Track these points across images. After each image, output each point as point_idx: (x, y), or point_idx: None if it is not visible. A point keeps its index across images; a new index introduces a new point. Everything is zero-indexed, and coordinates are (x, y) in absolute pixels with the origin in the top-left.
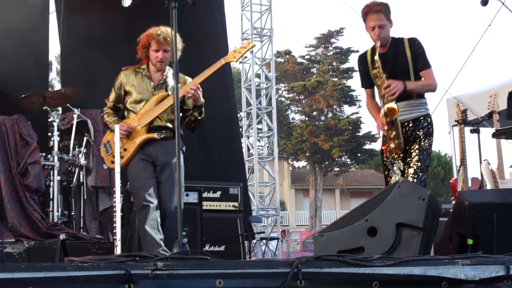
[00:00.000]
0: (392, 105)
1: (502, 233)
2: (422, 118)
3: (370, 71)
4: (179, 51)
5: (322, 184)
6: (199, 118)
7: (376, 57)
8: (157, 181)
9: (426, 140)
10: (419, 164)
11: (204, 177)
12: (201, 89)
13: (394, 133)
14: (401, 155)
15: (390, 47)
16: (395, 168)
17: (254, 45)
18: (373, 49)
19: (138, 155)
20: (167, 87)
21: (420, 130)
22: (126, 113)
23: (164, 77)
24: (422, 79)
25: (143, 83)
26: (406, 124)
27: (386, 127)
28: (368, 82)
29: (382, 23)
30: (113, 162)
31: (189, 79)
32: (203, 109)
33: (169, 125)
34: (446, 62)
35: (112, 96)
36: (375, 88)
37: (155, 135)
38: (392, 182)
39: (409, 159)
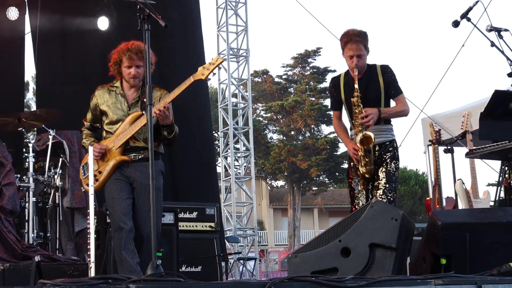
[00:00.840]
0: (370, 133)
1: (474, 253)
2: (388, 142)
3: (342, 95)
4: (152, 65)
5: (301, 203)
6: (169, 137)
7: (356, 86)
8: (133, 203)
9: (393, 164)
10: (387, 185)
11: (177, 197)
12: (170, 108)
13: (367, 160)
14: (364, 179)
15: (364, 73)
16: (360, 188)
17: (223, 61)
18: (347, 74)
19: (115, 175)
20: (141, 105)
21: (387, 154)
22: (104, 133)
23: (138, 94)
24: (395, 104)
25: (117, 102)
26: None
27: (361, 153)
28: (337, 105)
29: (361, 53)
30: (87, 185)
31: (166, 94)
32: (175, 127)
33: (144, 145)
34: (420, 82)
35: (88, 116)
36: (343, 110)
37: (128, 157)
38: (359, 201)
39: (377, 182)
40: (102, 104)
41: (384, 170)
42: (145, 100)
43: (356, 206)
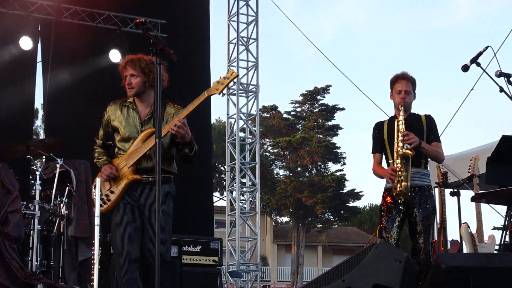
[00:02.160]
0: (408, 151)
1: None
2: (427, 187)
3: (385, 134)
4: (164, 81)
5: (305, 240)
6: (190, 154)
7: (401, 115)
8: (142, 228)
9: (433, 215)
10: (428, 240)
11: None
12: (186, 124)
13: (404, 174)
14: (401, 217)
15: (408, 116)
16: (394, 226)
17: (238, 75)
18: (392, 119)
19: (124, 199)
20: (154, 122)
21: (428, 203)
22: (116, 150)
23: (151, 110)
24: None
25: (130, 119)
26: (412, 189)
27: (398, 168)
28: (379, 147)
29: (409, 90)
30: (101, 205)
31: (181, 110)
32: (194, 144)
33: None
34: None
35: (100, 133)
36: (383, 155)
37: (140, 177)
38: (391, 237)
39: (416, 227)
40: (114, 120)
41: (427, 224)
42: (150, 116)
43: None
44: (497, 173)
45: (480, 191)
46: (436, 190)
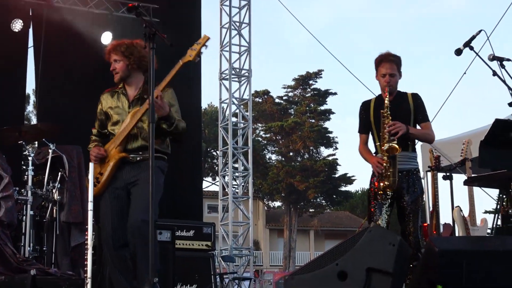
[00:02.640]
0: (395, 144)
1: (471, 281)
2: (415, 171)
3: (371, 117)
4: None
5: (297, 224)
6: (168, 130)
7: (386, 101)
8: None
9: (421, 198)
10: (418, 223)
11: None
12: (163, 98)
13: (391, 170)
14: (390, 201)
15: (395, 97)
16: (383, 212)
17: (209, 38)
18: (378, 98)
19: (113, 183)
20: (142, 102)
21: (416, 187)
22: (111, 136)
23: (139, 92)
24: None
25: (119, 103)
26: (400, 173)
27: (385, 164)
28: (365, 128)
29: (393, 72)
30: (95, 185)
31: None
32: (175, 119)
33: (144, 143)
34: None
35: (96, 123)
36: (370, 134)
37: (126, 154)
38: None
39: (406, 212)
40: (105, 107)
41: (415, 207)
42: (145, 96)
43: None
44: (490, 157)
45: (473, 175)
46: (429, 174)
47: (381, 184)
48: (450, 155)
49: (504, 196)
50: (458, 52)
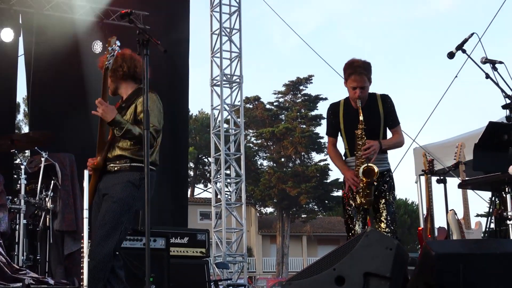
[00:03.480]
0: (374, 166)
1: (468, 284)
2: (385, 172)
3: (341, 124)
4: (126, 67)
5: (289, 230)
6: (118, 134)
7: (361, 118)
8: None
9: (391, 195)
10: (389, 217)
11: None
12: (102, 104)
13: (368, 191)
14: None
15: (366, 105)
16: (358, 216)
17: (115, 37)
18: (347, 102)
19: (95, 198)
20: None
21: (385, 185)
22: None
23: (123, 101)
24: (391, 135)
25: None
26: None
27: (362, 185)
28: (334, 132)
29: (364, 85)
30: None
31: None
32: (124, 125)
33: (123, 153)
34: (413, 112)
35: None
36: (339, 137)
37: (96, 164)
38: (356, 229)
39: (378, 214)
40: None
41: (384, 202)
42: (123, 105)
43: (354, 233)
44: (484, 160)
45: (467, 178)
46: (423, 178)
47: (357, 199)
48: (443, 159)
49: (497, 199)
50: (451, 55)
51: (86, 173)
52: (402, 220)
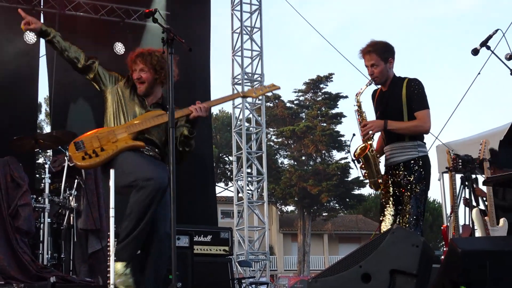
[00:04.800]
0: (364, 144)
1: (494, 281)
2: (413, 161)
3: (374, 106)
4: (175, 76)
5: (311, 229)
6: (190, 136)
7: (357, 97)
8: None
9: (418, 186)
10: (412, 211)
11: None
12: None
13: (367, 171)
14: (393, 198)
15: (389, 86)
16: (386, 212)
17: (279, 88)
18: (381, 89)
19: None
20: (162, 108)
21: (411, 176)
22: (105, 119)
23: (161, 100)
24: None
25: (134, 99)
26: (397, 166)
27: (362, 165)
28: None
29: (374, 63)
30: (83, 158)
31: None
32: (193, 142)
33: (158, 144)
34: (436, 109)
35: (98, 63)
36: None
37: (141, 143)
38: (382, 226)
39: (401, 207)
40: (120, 93)
41: (409, 194)
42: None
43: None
44: (509, 156)
45: (491, 175)
46: (446, 175)
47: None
48: None
49: None
50: (475, 52)
51: (112, 172)
52: (424, 218)
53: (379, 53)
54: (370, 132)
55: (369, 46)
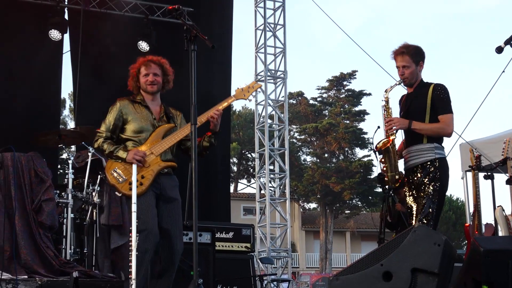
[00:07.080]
0: (386, 138)
1: None
2: (429, 163)
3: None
4: (171, 82)
5: (333, 226)
6: (214, 143)
7: (388, 94)
8: (160, 214)
9: (431, 186)
10: (423, 211)
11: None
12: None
13: (386, 165)
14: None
15: (415, 88)
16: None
17: (260, 86)
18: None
19: (152, 186)
20: (169, 120)
21: (426, 177)
22: (128, 142)
23: (164, 110)
24: None
25: (143, 113)
26: (415, 169)
27: (382, 159)
28: None
29: (406, 64)
30: (131, 189)
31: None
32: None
33: (172, 156)
34: (459, 108)
35: (106, 126)
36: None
37: (174, 163)
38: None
39: (415, 208)
40: (126, 114)
41: (422, 194)
42: (171, 114)
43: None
44: None
45: None
46: (470, 174)
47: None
48: (490, 155)
49: None
50: (499, 50)
51: (134, 167)
52: (447, 217)
53: (412, 55)
54: (394, 127)
55: (402, 48)
